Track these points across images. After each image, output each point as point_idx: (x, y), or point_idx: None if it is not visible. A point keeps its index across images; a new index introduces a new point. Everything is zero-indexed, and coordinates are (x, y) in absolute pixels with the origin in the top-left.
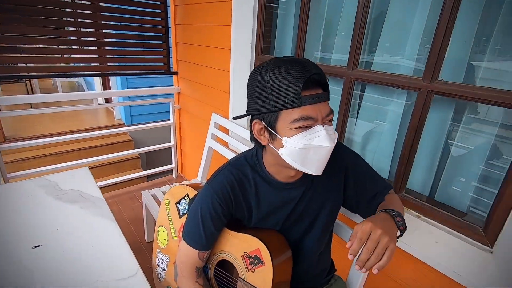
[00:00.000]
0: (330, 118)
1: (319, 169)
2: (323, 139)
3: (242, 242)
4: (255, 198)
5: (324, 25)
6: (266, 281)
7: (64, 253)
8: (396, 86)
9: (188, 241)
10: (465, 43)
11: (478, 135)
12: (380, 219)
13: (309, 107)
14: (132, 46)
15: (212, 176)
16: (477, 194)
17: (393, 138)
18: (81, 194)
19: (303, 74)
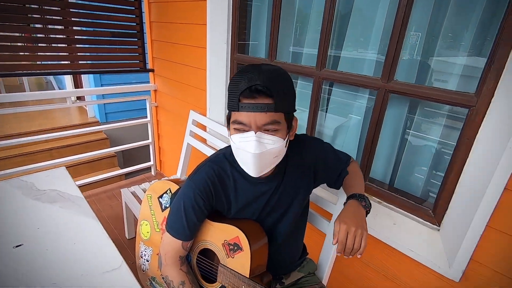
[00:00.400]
0: (268, 128)
1: (253, 172)
2: (248, 145)
3: (222, 231)
4: (233, 192)
5: (296, 21)
6: (245, 265)
7: (47, 251)
8: (359, 85)
9: (172, 233)
10: (417, 47)
11: (429, 127)
12: (352, 213)
13: (244, 113)
14: (106, 44)
15: (194, 171)
16: (428, 181)
17: (358, 131)
18: (60, 194)
19: (247, 83)
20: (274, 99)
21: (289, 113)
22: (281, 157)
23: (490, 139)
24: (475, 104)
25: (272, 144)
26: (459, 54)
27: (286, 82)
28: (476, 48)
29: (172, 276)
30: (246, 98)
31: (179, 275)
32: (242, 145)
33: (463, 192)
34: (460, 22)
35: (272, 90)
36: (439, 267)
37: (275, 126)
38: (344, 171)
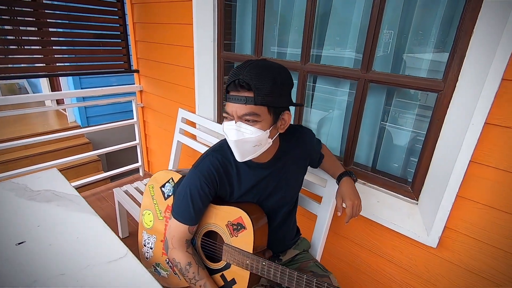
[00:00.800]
0: (247, 118)
1: (237, 156)
2: (229, 133)
3: (225, 213)
4: (236, 178)
5: (279, 21)
6: (249, 243)
7: (50, 246)
8: (340, 76)
9: (178, 219)
10: (391, 40)
11: (404, 114)
12: (351, 189)
13: (230, 104)
14: (90, 45)
15: (198, 161)
16: (406, 162)
17: (341, 122)
18: (55, 193)
19: (232, 77)
20: (254, 93)
21: (274, 107)
22: (264, 146)
23: (456, 119)
24: (443, 89)
25: (249, 134)
26: (427, 48)
27: (272, 79)
28: (442, 42)
29: (179, 258)
30: (232, 90)
31: (185, 256)
32: (226, 131)
33: (436, 168)
34: (427, 19)
35: (251, 85)
36: (419, 236)
37: (254, 117)
38: (321, 154)
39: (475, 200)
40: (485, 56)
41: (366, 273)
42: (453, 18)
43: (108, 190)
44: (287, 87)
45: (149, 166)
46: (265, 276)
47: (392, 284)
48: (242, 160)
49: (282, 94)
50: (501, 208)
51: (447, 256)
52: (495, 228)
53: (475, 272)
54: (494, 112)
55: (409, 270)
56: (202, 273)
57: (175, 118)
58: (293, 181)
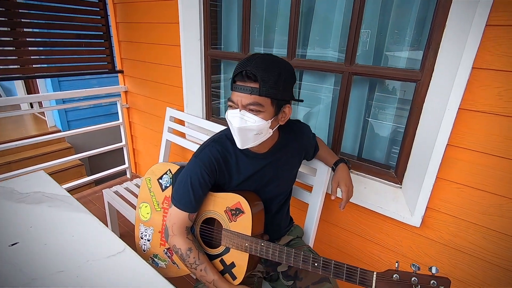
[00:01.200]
0: (251, 108)
1: (238, 143)
2: (233, 120)
3: (224, 200)
4: (235, 168)
5: (265, 21)
6: (247, 226)
7: (46, 245)
8: (326, 70)
9: (179, 206)
10: (371, 37)
11: (385, 106)
12: (347, 175)
13: (235, 93)
14: (70, 46)
15: (198, 151)
16: (390, 149)
17: (327, 115)
18: (45, 195)
19: (239, 68)
20: (260, 85)
21: (277, 100)
22: (265, 135)
23: (434, 106)
24: (421, 78)
25: (252, 122)
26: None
27: (278, 73)
28: (417, 41)
29: (179, 244)
30: (239, 80)
31: (185, 243)
32: (230, 119)
33: (417, 153)
34: (404, 15)
35: (258, 76)
36: (403, 217)
37: (257, 107)
38: (317, 147)
39: (453, 180)
40: (457, 47)
41: (355, 257)
42: (426, 18)
43: (95, 194)
44: (290, 82)
45: (137, 167)
46: (264, 256)
47: (380, 265)
48: (242, 147)
49: (285, 88)
50: (476, 186)
51: (429, 235)
52: (471, 205)
53: (455, 248)
54: (466, 98)
55: (395, 250)
56: (203, 258)
57: (162, 117)
58: (289, 172)
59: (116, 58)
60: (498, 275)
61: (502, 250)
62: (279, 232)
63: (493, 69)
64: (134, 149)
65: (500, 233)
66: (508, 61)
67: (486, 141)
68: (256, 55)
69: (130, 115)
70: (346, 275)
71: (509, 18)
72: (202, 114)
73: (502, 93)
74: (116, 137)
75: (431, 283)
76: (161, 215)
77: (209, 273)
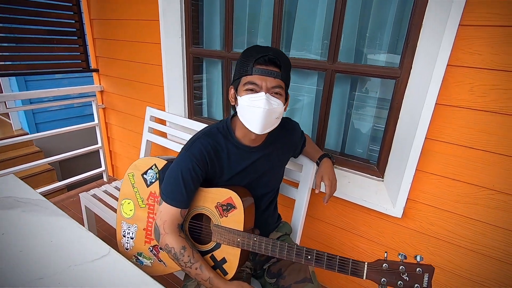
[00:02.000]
0: (275, 91)
1: (258, 128)
2: (260, 103)
3: (214, 195)
4: (227, 161)
5: (248, 18)
6: (239, 222)
7: (21, 252)
8: (310, 68)
9: (170, 202)
10: (352, 36)
11: (366, 104)
12: (330, 169)
13: (257, 76)
14: (40, 42)
15: (189, 144)
16: (372, 145)
17: (311, 113)
18: (17, 200)
19: (260, 53)
20: (281, 69)
21: (287, 86)
22: (279, 120)
23: (412, 101)
24: (400, 75)
25: (276, 105)
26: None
27: (288, 60)
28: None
29: (172, 243)
30: (260, 64)
31: (179, 241)
32: (255, 103)
33: (397, 147)
34: (383, 17)
35: (280, 61)
36: (386, 209)
37: (279, 90)
38: (304, 143)
39: (431, 172)
40: (433, 46)
41: (340, 251)
42: (402, 19)
43: (69, 199)
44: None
45: (114, 170)
46: (257, 251)
47: (364, 257)
48: (262, 132)
49: (290, 77)
50: (452, 177)
51: (410, 225)
52: (448, 195)
53: (433, 236)
54: (442, 94)
55: (378, 242)
56: (197, 256)
57: (141, 118)
58: (278, 168)
59: (90, 56)
60: (473, 260)
61: (476, 236)
62: (268, 228)
63: (465, 66)
64: (111, 151)
65: (474, 219)
66: (479, 58)
67: (460, 134)
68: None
69: (107, 115)
70: (339, 267)
71: (480, 18)
72: (184, 113)
73: (474, 88)
74: (91, 140)
75: (417, 270)
76: (145, 211)
77: (204, 271)
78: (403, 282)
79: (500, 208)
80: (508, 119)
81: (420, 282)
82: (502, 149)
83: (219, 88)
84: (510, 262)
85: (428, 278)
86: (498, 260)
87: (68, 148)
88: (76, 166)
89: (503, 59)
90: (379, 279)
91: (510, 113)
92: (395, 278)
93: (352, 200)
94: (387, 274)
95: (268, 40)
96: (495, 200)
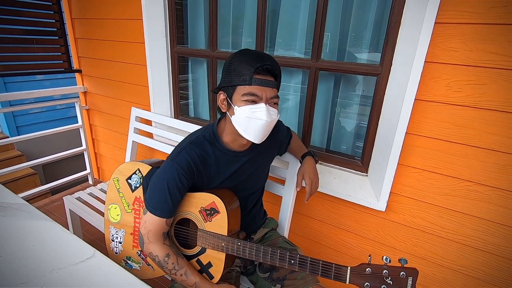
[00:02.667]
0: (274, 101)
1: (257, 138)
2: (262, 114)
3: (198, 200)
4: (215, 169)
5: (232, 16)
6: (223, 226)
7: (1, 257)
8: (294, 66)
9: (155, 213)
10: (335, 35)
11: (350, 100)
12: (312, 167)
13: (257, 87)
14: (19, 43)
15: (175, 154)
16: (356, 141)
17: (296, 112)
18: None
19: (258, 62)
20: (277, 78)
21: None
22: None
23: (393, 97)
24: (381, 72)
25: (275, 115)
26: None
27: (280, 68)
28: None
29: (156, 251)
30: (259, 74)
31: (162, 249)
32: (256, 115)
33: (380, 142)
34: (364, 16)
35: (276, 71)
36: (370, 203)
37: (276, 100)
38: (289, 140)
39: (412, 165)
40: (411, 43)
41: (328, 246)
42: (383, 18)
43: (53, 203)
44: None
45: (100, 173)
46: (241, 255)
47: (351, 251)
48: (260, 141)
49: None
50: (432, 170)
51: (393, 218)
52: (428, 188)
53: (416, 228)
54: (421, 90)
55: (364, 236)
56: (182, 262)
57: (126, 118)
58: (264, 167)
59: (72, 56)
60: (454, 250)
61: (456, 226)
62: (255, 225)
63: (442, 62)
64: (96, 153)
65: (453, 211)
66: (454, 55)
67: (439, 128)
68: (258, 52)
69: (91, 117)
70: (322, 271)
71: (454, 16)
72: (170, 113)
73: (451, 84)
74: (75, 143)
75: (401, 274)
76: (132, 216)
77: (189, 277)
78: (386, 286)
79: (477, 199)
80: (482, 113)
81: (404, 286)
82: (478, 142)
83: (205, 88)
84: (487, 251)
85: (412, 282)
86: (477, 249)
87: (51, 151)
88: (60, 170)
89: (477, 55)
90: (363, 284)
91: (484, 107)
92: (379, 282)
93: (337, 196)
94: (371, 279)
95: (253, 39)
96: (472, 191)
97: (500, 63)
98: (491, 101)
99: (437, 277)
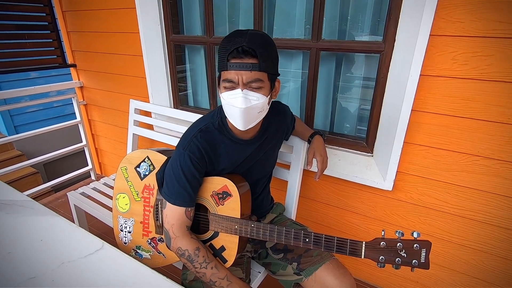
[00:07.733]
0: (253, 85)
1: (240, 125)
2: (236, 101)
3: (209, 184)
4: (225, 156)
5: (228, 5)
6: (235, 209)
7: (10, 254)
8: (294, 48)
9: (175, 202)
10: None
11: (352, 82)
12: (322, 146)
13: (232, 72)
14: (9, 38)
15: (186, 142)
16: (359, 122)
17: (298, 93)
18: (1, 202)
19: (233, 45)
20: (258, 59)
21: (272, 74)
22: (265, 112)
23: (397, 74)
24: (384, 49)
25: (256, 100)
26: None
27: (269, 46)
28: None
29: (185, 245)
30: (234, 58)
31: (192, 243)
32: (231, 101)
33: (385, 122)
34: None
35: (256, 51)
36: (377, 183)
37: (258, 84)
38: (294, 125)
39: (418, 143)
40: (415, 17)
41: (335, 228)
42: None
43: (57, 200)
44: (277, 55)
45: (102, 168)
46: (255, 237)
47: (358, 233)
48: (245, 128)
49: (275, 62)
50: (439, 146)
51: (400, 197)
52: (435, 164)
53: (423, 205)
54: (426, 65)
55: (371, 216)
56: (211, 256)
57: (126, 111)
58: (272, 153)
59: (66, 51)
60: (462, 225)
61: (463, 202)
62: (263, 211)
63: (447, 35)
64: (96, 148)
65: (461, 186)
66: (460, 26)
67: (444, 103)
68: (243, 31)
69: (89, 112)
70: (337, 247)
71: None
72: (169, 103)
73: (457, 57)
74: (75, 139)
75: (415, 246)
76: (141, 204)
77: (220, 269)
78: (401, 259)
79: (484, 173)
80: (489, 85)
81: (418, 258)
82: (485, 115)
83: (203, 76)
84: (495, 224)
85: (426, 253)
86: (484, 222)
87: (52, 149)
88: (62, 168)
89: (484, 25)
90: (378, 257)
91: (490, 79)
92: (393, 255)
93: (343, 177)
94: (385, 252)
95: (250, 26)
96: (479, 165)
97: (508, 32)
98: (498, 72)
99: (444, 252)
